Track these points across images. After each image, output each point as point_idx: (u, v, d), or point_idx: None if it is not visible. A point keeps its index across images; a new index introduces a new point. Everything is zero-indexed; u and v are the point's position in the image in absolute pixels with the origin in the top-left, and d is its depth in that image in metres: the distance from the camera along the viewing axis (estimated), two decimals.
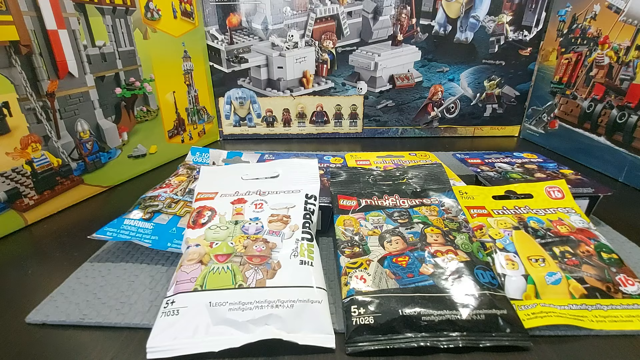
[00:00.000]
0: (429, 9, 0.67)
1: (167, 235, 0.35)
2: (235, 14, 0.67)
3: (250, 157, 0.49)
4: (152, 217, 0.36)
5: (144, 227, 0.35)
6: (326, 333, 0.26)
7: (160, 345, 0.25)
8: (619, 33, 0.53)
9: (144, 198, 0.39)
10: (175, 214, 0.37)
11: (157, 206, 0.38)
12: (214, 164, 0.48)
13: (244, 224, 0.33)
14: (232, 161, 0.48)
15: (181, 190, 0.41)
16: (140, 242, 0.34)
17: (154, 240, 0.34)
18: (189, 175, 0.44)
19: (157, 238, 0.34)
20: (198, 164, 0.48)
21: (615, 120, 0.54)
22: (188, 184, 0.42)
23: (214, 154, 0.49)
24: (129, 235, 0.34)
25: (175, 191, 0.40)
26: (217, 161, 0.48)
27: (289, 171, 0.40)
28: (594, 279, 0.29)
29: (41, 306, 0.29)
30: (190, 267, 0.29)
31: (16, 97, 0.40)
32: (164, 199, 0.39)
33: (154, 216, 0.36)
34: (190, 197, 0.39)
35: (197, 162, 0.48)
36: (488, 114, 0.75)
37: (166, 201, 0.39)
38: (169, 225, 0.36)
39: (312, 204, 0.36)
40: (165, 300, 0.27)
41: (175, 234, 0.35)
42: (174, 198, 0.39)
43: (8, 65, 0.39)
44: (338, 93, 0.73)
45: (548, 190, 0.39)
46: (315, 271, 0.29)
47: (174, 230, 0.35)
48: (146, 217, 0.36)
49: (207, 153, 0.49)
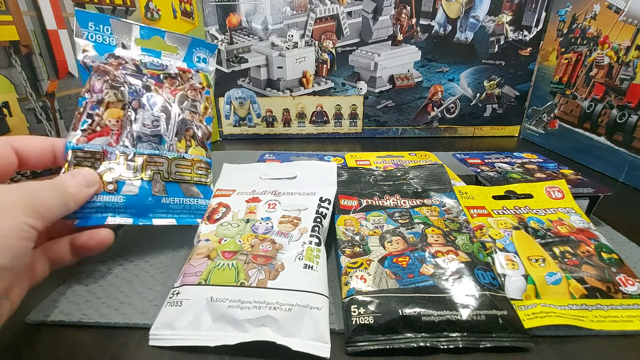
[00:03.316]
0: (429, 9, 0.67)
1: (146, 206, 0.32)
2: (235, 14, 0.67)
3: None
4: (117, 189, 0.31)
5: (113, 201, 0.31)
6: (322, 342, 0.25)
7: (161, 334, 0.26)
8: (619, 33, 0.53)
9: (75, 149, 0.31)
10: (142, 179, 0.32)
11: (112, 170, 0.31)
12: (124, 47, 0.36)
13: (255, 222, 0.34)
14: (149, 43, 0.37)
15: (128, 136, 0.32)
16: (119, 218, 0.31)
17: (133, 216, 0.31)
18: (120, 96, 0.33)
19: (136, 211, 0.31)
20: (94, 46, 0.34)
21: (615, 120, 0.54)
22: (129, 117, 0.33)
23: (118, 26, 0.35)
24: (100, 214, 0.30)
25: (122, 139, 0.32)
26: (128, 41, 0.36)
27: (307, 173, 0.40)
28: (594, 279, 0.29)
29: (41, 306, 0.29)
30: (198, 260, 0.30)
31: (16, 97, 0.40)
32: (115, 156, 0.32)
33: (119, 186, 0.31)
34: (149, 142, 0.33)
35: (95, 42, 0.34)
36: (488, 114, 0.75)
37: (120, 159, 0.32)
38: (142, 195, 0.32)
39: (325, 208, 0.35)
40: (172, 290, 0.28)
41: (153, 203, 0.32)
42: (126, 153, 0.32)
43: (8, 65, 0.39)
44: (338, 93, 0.73)
45: (548, 190, 0.39)
46: (319, 276, 0.29)
47: (151, 199, 0.32)
48: (110, 189, 0.31)
49: (107, 26, 0.35)
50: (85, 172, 0.30)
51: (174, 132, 0.35)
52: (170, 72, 0.37)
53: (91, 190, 0.29)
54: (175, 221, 0.34)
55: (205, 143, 0.37)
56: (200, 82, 0.38)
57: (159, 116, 0.34)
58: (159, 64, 0.37)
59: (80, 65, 0.34)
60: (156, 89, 0.35)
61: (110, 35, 0.35)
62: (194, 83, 0.38)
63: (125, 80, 0.34)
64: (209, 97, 0.39)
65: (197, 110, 0.37)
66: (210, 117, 0.38)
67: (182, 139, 0.35)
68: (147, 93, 0.34)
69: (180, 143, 0.35)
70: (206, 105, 0.38)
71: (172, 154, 0.34)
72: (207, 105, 0.38)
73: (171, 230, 0.40)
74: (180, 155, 0.34)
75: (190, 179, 0.35)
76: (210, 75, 0.40)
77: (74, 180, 0.28)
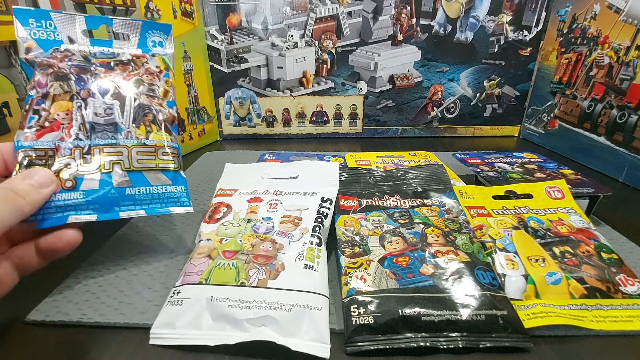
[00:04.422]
0: (429, 9, 0.67)
1: (110, 200, 0.30)
2: (235, 14, 0.67)
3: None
4: (76, 185, 0.29)
5: (73, 198, 0.29)
6: (322, 342, 0.25)
7: (162, 333, 0.26)
8: (619, 33, 0.53)
9: (24, 148, 0.29)
10: (102, 171, 0.30)
11: (68, 166, 0.29)
12: (70, 41, 0.33)
13: (256, 222, 0.34)
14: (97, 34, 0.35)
15: (81, 128, 0.30)
16: (82, 216, 0.29)
17: (97, 212, 0.29)
18: (67, 87, 0.31)
19: (99, 206, 0.29)
20: (40, 44, 0.32)
21: (615, 120, 0.54)
22: (79, 107, 0.31)
23: (62, 19, 0.33)
24: (61, 213, 0.28)
25: (74, 132, 0.30)
26: (75, 34, 0.34)
27: (309, 173, 0.40)
28: (594, 279, 0.29)
29: (41, 306, 0.29)
30: (198, 260, 0.30)
31: (16, 97, 0.40)
32: (69, 151, 0.30)
33: (78, 182, 0.29)
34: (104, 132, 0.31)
35: (39, 39, 0.32)
36: (488, 114, 0.75)
37: (75, 153, 0.30)
38: (104, 189, 0.30)
39: (326, 208, 0.35)
40: (173, 289, 0.28)
41: (117, 196, 0.30)
42: (80, 146, 0.30)
43: (8, 65, 0.39)
44: (338, 93, 0.73)
45: (548, 190, 0.39)
46: (319, 277, 0.29)
47: (114, 192, 0.30)
48: (68, 186, 0.29)
49: (50, 21, 0.33)
50: (37, 171, 0.27)
51: (131, 119, 0.32)
52: (122, 59, 0.34)
53: (47, 190, 0.27)
54: (144, 212, 0.31)
55: (170, 127, 0.34)
56: (157, 65, 0.36)
57: (111, 103, 0.32)
58: (110, 52, 0.35)
59: (24, 64, 0.32)
60: (106, 75, 0.33)
61: (54, 30, 0.33)
62: (150, 67, 0.35)
63: (71, 71, 0.31)
64: (169, 80, 0.36)
65: (156, 94, 0.34)
66: (173, 100, 0.35)
67: (140, 125, 0.33)
68: (96, 81, 0.32)
69: (140, 129, 0.32)
70: (166, 88, 0.35)
71: (131, 142, 0.32)
72: (167, 89, 0.35)
73: (171, 229, 0.40)
74: (141, 141, 0.32)
75: (156, 165, 0.32)
76: (167, 57, 0.37)
77: (26, 183, 0.26)
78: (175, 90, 0.36)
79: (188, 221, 0.41)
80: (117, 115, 0.32)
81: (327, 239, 0.34)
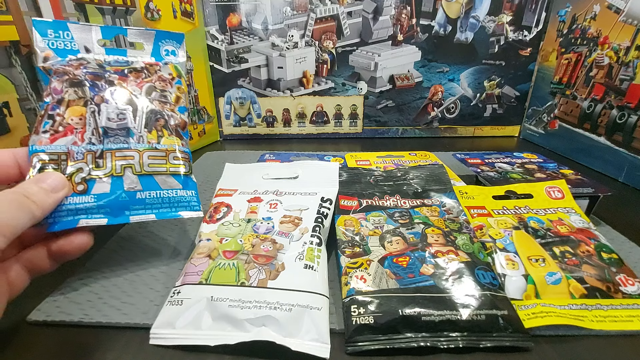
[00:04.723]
0: (429, 9, 0.67)
1: (121, 204, 0.30)
2: (235, 14, 0.67)
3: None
4: (87, 189, 0.29)
5: (84, 202, 0.29)
6: (322, 342, 0.25)
7: (162, 333, 0.26)
8: (619, 33, 0.53)
9: (38, 152, 0.29)
10: (113, 175, 0.30)
11: (81, 170, 0.30)
12: (87, 50, 0.35)
13: (256, 222, 0.34)
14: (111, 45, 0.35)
15: (94, 133, 0.31)
16: (92, 220, 0.29)
17: (108, 215, 0.30)
18: (81, 93, 0.32)
19: (110, 210, 0.30)
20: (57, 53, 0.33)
21: (615, 120, 0.55)
22: (93, 112, 0.31)
23: (78, 30, 0.34)
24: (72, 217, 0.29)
25: (87, 136, 0.31)
26: (91, 44, 0.35)
27: (309, 173, 0.40)
28: (594, 278, 0.29)
29: (42, 306, 0.29)
30: (199, 260, 0.30)
31: (16, 97, 0.40)
32: (82, 155, 0.30)
33: (89, 186, 0.30)
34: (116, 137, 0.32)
35: (56, 49, 0.34)
36: (488, 114, 0.75)
37: (87, 157, 0.30)
38: (115, 192, 0.30)
39: (326, 208, 0.35)
40: (173, 289, 0.28)
41: (127, 200, 0.30)
42: (92, 150, 0.31)
43: (8, 65, 0.39)
44: (338, 93, 0.73)
45: (548, 190, 0.39)
46: (319, 277, 0.29)
47: (125, 196, 0.30)
48: (80, 190, 0.29)
49: (67, 31, 0.34)
50: (50, 175, 0.28)
51: (143, 124, 0.33)
52: (136, 67, 0.35)
53: (59, 194, 0.27)
54: (154, 216, 0.32)
55: (181, 132, 0.35)
56: (169, 73, 0.37)
57: (124, 109, 0.32)
58: (124, 60, 0.36)
59: (41, 72, 0.33)
60: (120, 82, 0.33)
61: (71, 40, 0.34)
62: (162, 74, 0.36)
63: (86, 78, 0.32)
64: (181, 87, 0.37)
65: (168, 100, 0.35)
66: (184, 106, 0.36)
67: (152, 130, 0.33)
68: (110, 87, 0.33)
69: (151, 134, 0.33)
70: (178, 94, 0.36)
71: (143, 146, 0.32)
72: (179, 95, 0.36)
73: (172, 229, 0.40)
74: (152, 146, 0.32)
75: (166, 170, 0.33)
76: (180, 65, 0.38)
77: (38, 187, 0.26)
78: (187, 97, 0.37)
79: (189, 221, 0.41)
80: (130, 120, 0.33)
81: (327, 239, 0.34)
